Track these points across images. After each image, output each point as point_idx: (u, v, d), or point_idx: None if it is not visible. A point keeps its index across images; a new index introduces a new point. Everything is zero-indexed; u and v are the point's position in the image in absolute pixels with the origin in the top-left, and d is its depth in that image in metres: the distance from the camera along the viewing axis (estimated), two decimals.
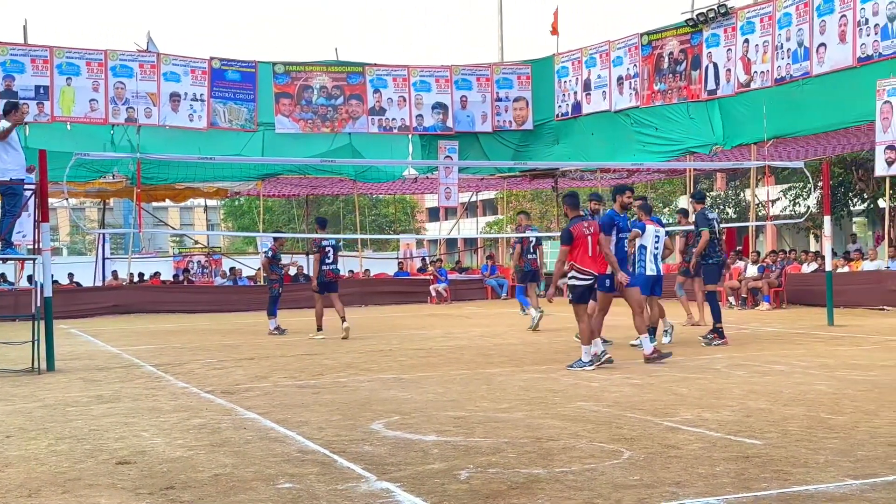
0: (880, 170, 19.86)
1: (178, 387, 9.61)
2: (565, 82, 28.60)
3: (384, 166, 28.51)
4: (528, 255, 16.10)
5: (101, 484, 5.44)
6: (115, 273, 27.69)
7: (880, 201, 29.32)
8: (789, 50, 22.29)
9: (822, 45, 21.46)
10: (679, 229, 16.09)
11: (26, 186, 11.82)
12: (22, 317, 14.76)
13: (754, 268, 21.56)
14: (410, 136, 28.89)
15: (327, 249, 15.51)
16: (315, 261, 15.75)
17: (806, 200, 32.76)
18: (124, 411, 8.05)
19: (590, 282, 10.56)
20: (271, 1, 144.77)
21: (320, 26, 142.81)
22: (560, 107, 28.77)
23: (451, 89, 28.78)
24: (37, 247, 11.89)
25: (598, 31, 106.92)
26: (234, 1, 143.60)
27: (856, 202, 32.88)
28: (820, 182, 23.99)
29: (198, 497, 5.10)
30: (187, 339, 15.76)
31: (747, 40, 23.37)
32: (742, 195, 40.33)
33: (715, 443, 6.17)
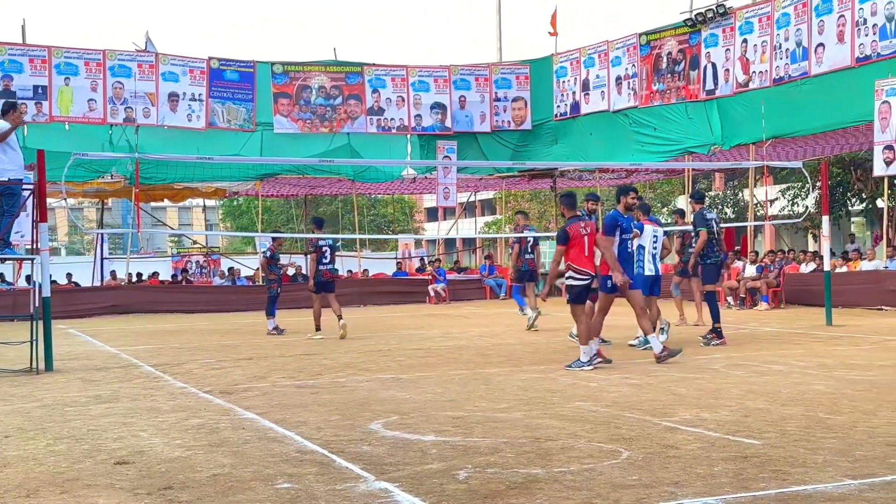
0: (878, 170, 19.88)
1: (176, 387, 9.61)
2: (564, 82, 28.61)
3: (383, 166, 28.51)
4: (526, 255, 16.11)
5: (99, 484, 5.43)
6: (113, 273, 27.68)
7: (878, 201, 29.32)
8: (788, 50, 22.31)
9: (820, 45, 21.48)
10: (676, 229, 16.09)
11: (24, 186, 11.81)
12: (20, 317, 14.75)
13: (753, 268, 21.57)
14: (409, 136, 28.88)
15: (324, 249, 15.48)
16: (312, 261, 15.72)
17: (804, 200, 32.76)
18: (123, 411, 8.05)
19: (587, 282, 10.54)
20: (270, 1, 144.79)
21: (319, 26, 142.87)
22: (558, 107, 28.78)
23: (449, 89, 28.78)
24: (35, 247, 11.87)
25: (597, 32, 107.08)
26: (233, 1, 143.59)
27: (854, 202, 32.88)
28: (818, 182, 23.98)
29: (196, 497, 5.09)
30: (186, 339, 15.75)
31: (746, 40, 23.39)
32: (740, 195, 40.34)
33: (713, 443, 6.17)
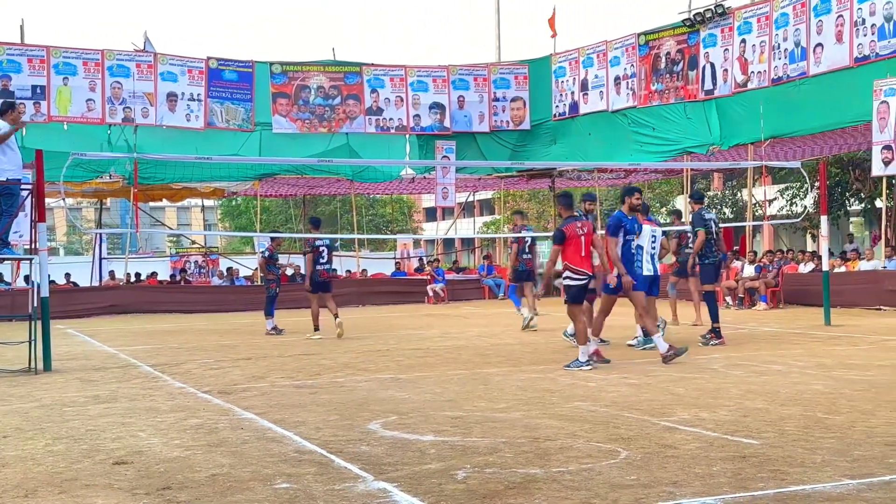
0: (877, 170, 19.88)
1: (175, 387, 9.61)
2: (562, 82, 28.62)
3: (381, 166, 28.52)
4: (523, 255, 16.09)
5: (97, 484, 5.43)
6: (111, 273, 27.68)
7: (877, 201, 29.34)
8: (786, 50, 22.31)
9: (818, 45, 21.49)
10: (673, 230, 16.10)
11: (23, 186, 11.81)
12: (19, 317, 14.74)
13: (751, 268, 21.58)
14: (408, 135, 28.88)
15: (321, 249, 15.49)
16: (308, 261, 15.72)
17: (803, 200, 32.76)
18: (121, 411, 8.04)
19: (584, 282, 10.56)
20: (270, 1, 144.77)
21: (319, 26, 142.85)
22: (557, 107, 28.78)
23: (448, 89, 28.78)
24: (33, 247, 11.86)
25: (596, 31, 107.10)
26: (233, 1, 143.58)
27: (852, 202, 32.89)
28: (817, 182, 23.97)
29: (195, 497, 5.09)
30: (184, 339, 15.75)
31: (744, 40, 23.40)
32: (739, 195, 40.35)
33: (712, 442, 6.17)
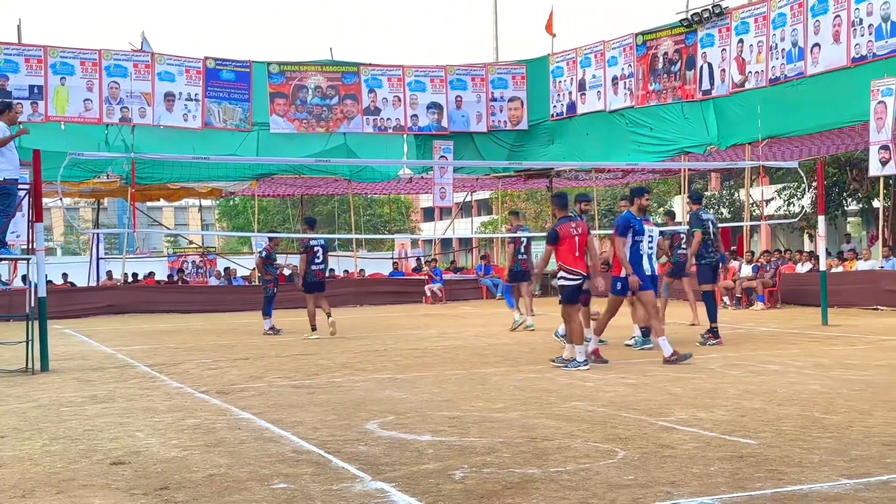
0: (874, 170, 19.90)
1: (172, 387, 9.60)
2: (560, 82, 28.62)
3: (379, 166, 28.50)
4: (519, 256, 16.07)
5: (95, 484, 5.43)
6: (109, 273, 27.67)
7: (874, 201, 29.36)
8: (784, 50, 22.32)
9: (816, 45, 21.50)
10: (667, 230, 16.11)
11: (20, 186, 11.80)
12: (16, 317, 14.73)
13: (749, 268, 21.60)
14: (405, 135, 28.85)
15: (316, 249, 15.50)
16: (302, 261, 15.73)
17: (800, 200, 32.76)
18: (119, 411, 8.04)
19: (578, 282, 10.58)
20: (268, 1, 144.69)
21: (318, 27, 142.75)
22: (555, 107, 28.78)
23: (445, 89, 28.77)
24: (31, 247, 11.86)
25: (593, 31, 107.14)
26: (231, 1, 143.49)
27: (850, 202, 32.92)
28: (814, 182, 23.97)
29: (192, 497, 5.09)
30: (182, 340, 15.75)
31: (742, 40, 23.41)
32: (736, 195, 40.35)
33: (709, 442, 6.18)
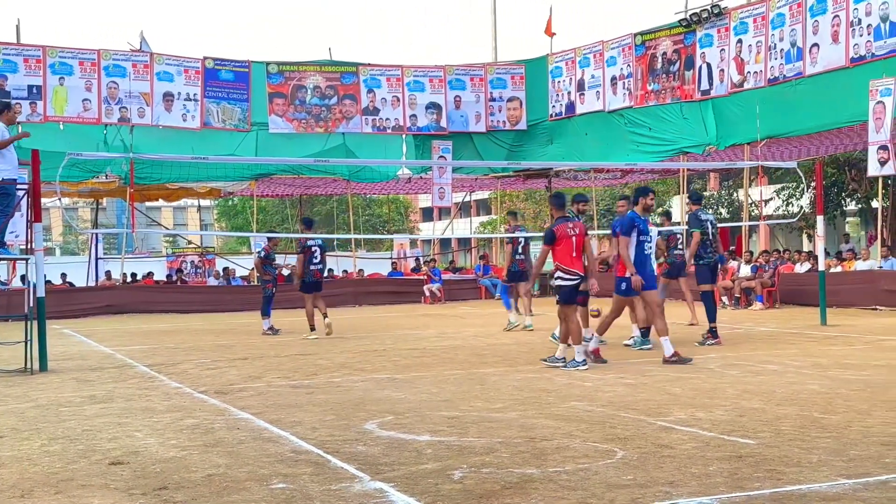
0: (873, 170, 19.91)
1: (171, 387, 9.60)
2: (559, 82, 28.62)
3: (378, 166, 28.50)
4: (516, 256, 16.05)
5: (93, 484, 5.43)
6: (108, 273, 27.65)
7: (873, 201, 29.38)
8: (782, 50, 22.33)
9: (815, 45, 21.50)
10: (663, 230, 16.11)
11: (19, 186, 11.79)
12: (15, 317, 14.72)
13: (747, 268, 21.60)
14: (404, 135, 28.84)
15: (314, 250, 15.50)
16: (299, 261, 15.73)
17: (799, 200, 32.78)
18: (117, 411, 8.04)
19: (576, 282, 10.58)
20: (267, 1, 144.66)
21: (317, 27, 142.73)
22: (554, 107, 28.78)
23: (444, 89, 28.77)
24: (29, 247, 11.85)
25: (592, 32, 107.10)
26: (230, 1, 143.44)
27: (849, 202, 32.94)
28: (813, 182, 23.99)
29: (191, 497, 5.09)
30: (181, 340, 15.74)
31: (740, 40, 23.42)
32: (735, 195, 40.38)
33: (708, 442, 6.18)
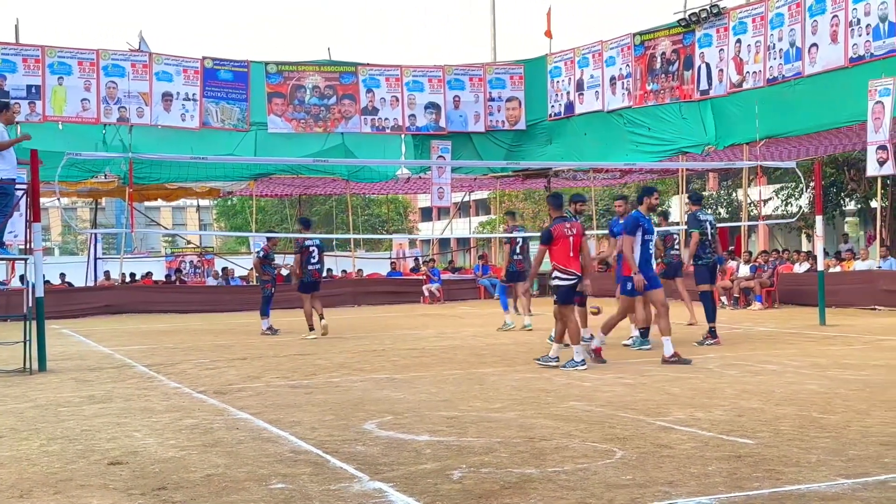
0: (872, 170, 19.91)
1: (170, 387, 9.60)
2: (558, 82, 28.62)
3: (377, 166, 28.50)
4: (514, 256, 16.04)
5: (92, 484, 5.42)
6: (107, 273, 27.64)
7: (872, 201, 29.40)
8: (781, 50, 22.34)
9: (814, 45, 21.51)
10: (659, 230, 16.11)
11: (18, 186, 11.79)
12: (13, 317, 14.71)
13: (746, 268, 21.60)
14: (403, 135, 28.84)
15: (312, 250, 15.50)
16: (296, 261, 15.73)
17: (798, 200, 32.80)
18: (116, 411, 8.03)
19: (573, 282, 10.58)
20: (268, 1, 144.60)
21: (316, 27, 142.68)
22: (553, 107, 28.78)
23: (443, 89, 28.77)
24: (28, 247, 11.85)
25: (591, 32, 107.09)
26: (229, 1, 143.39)
27: (848, 202, 32.95)
28: (812, 182, 24.00)
29: (190, 497, 5.09)
30: (179, 340, 15.73)
31: (739, 40, 23.42)
32: (734, 195, 40.40)
33: (707, 442, 6.18)
